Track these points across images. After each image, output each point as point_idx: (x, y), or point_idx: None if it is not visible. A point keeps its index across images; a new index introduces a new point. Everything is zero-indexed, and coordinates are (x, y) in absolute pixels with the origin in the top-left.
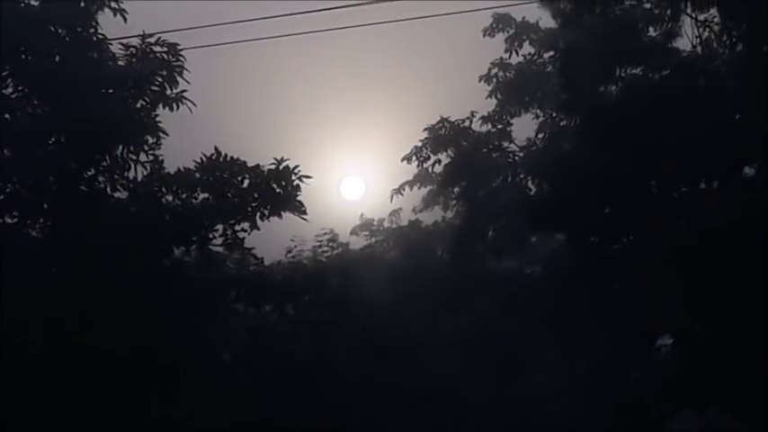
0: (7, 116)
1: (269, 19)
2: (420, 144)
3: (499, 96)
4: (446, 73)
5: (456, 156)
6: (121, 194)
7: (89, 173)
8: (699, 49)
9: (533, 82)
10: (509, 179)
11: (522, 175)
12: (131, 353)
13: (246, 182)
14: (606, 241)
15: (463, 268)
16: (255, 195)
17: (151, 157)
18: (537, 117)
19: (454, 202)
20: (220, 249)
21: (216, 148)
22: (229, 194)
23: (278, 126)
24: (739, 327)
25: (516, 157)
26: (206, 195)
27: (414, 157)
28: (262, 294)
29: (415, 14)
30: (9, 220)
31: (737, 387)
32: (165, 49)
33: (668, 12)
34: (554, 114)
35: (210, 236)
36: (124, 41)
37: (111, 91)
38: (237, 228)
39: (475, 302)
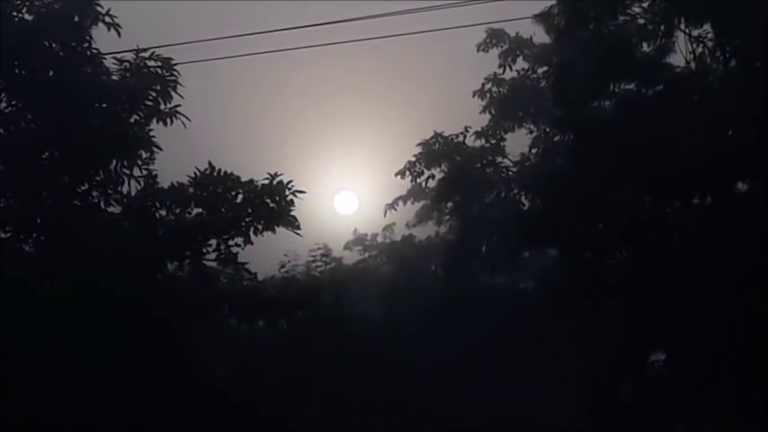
0: (1, 130)
1: (263, 34)
2: (414, 159)
3: (493, 111)
4: (440, 88)
5: (450, 171)
6: (115, 209)
7: (83, 187)
8: (692, 64)
9: (527, 97)
10: (502, 194)
11: (515, 191)
12: (124, 367)
13: (240, 197)
14: (599, 256)
15: (456, 283)
16: (249, 210)
17: (145, 172)
18: (530, 132)
19: (448, 217)
20: (214, 264)
21: (210, 163)
22: (223, 209)
23: (271, 141)
24: (733, 341)
25: (510, 173)
26: (199, 210)
27: (407, 172)
28: (255, 309)
29: (408, 30)
30: (2, 235)
31: (731, 402)
32: (159, 63)
33: (662, 27)
34: (547, 129)
35: (204, 251)
36: (118, 56)
37: (104, 105)
38: (231, 243)
39: (468, 317)
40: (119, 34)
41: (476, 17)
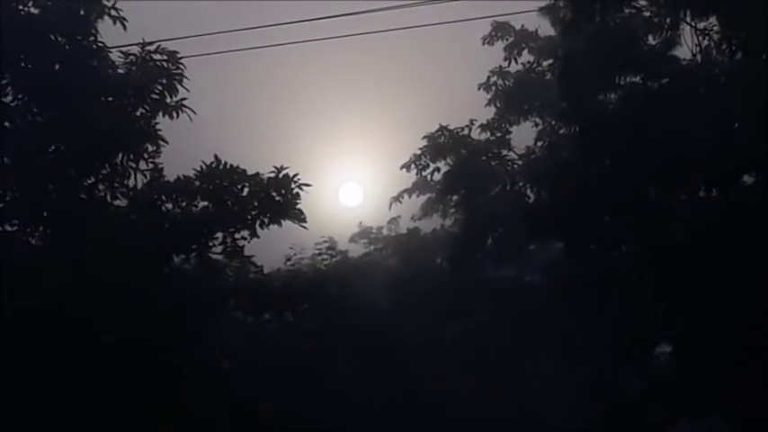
0: (7, 124)
1: (268, 27)
2: (419, 152)
3: (498, 104)
4: (445, 81)
5: (455, 164)
6: (121, 202)
7: (89, 181)
8: (698, 57)
9: (532, 90)
10: (508, 187)
11: (521, 184)
12: (131, 359)
13: (246, 190)
14: (605, 249)
15: (462, 276)
16: (255, 203)
17: (151, 166)
18: (536, 125)
19: (453, 210)
20: (220, 257)
21: (215, 157)
22: (229, 203)
23: (277, 134)
24: (738, 334)
25: (515, 166)
26: (206, 203)
27: (413, 165)
28: (261, 302)
29: (414, 23)
30: (9, 228)
31: (736, 394)
32: (165, 57)
33: (668, 20)
34: (553, 122)
35: (210, 244)
36: (124, 49)
37: (110, 99)
38: (237, 236)
39: (474, 310)
40: (124, 28)
41: (481, 10)
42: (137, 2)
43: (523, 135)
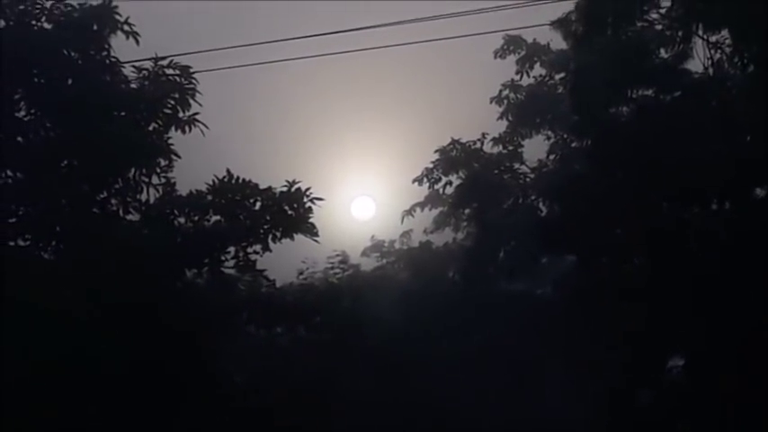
0: (20, 139)
1: (280, 42)
2: (431, 165)
3: (510, 118)
4: (457, 94)
5: (467, 177)
6: (134, 217)
7: (102, 195)
8: (710, 70)
9: (544, 103)
10: (520, 200)
11: (533, 197)
12: (143, 374)
13: (258, 204)
14: (617, 262)
15: (474, 290)
16: (267, 218)
17: (163, 180)
18: (548, 138)
19: (465, 223)
20: (232, 271)
21: (228, 171)
22: (241, 217)
23: (289, 148)
24: (751, 348)
25: (527, 179)
26: (218, 218)
27: (425, 179)
28: (274, 316)
29: (426, 37)
30: (22, 243)
31: (748, 408)
32: (178, 71)
33: (680, 33)
34: (565, 136)
35: (223, 258)
36: (137, 64)
37: (123, 114)
38: (249, 250)
39: (486, 324)
40: (137, 42)
41: (493, 24)
42: (149, 16)
43: (535, 148)
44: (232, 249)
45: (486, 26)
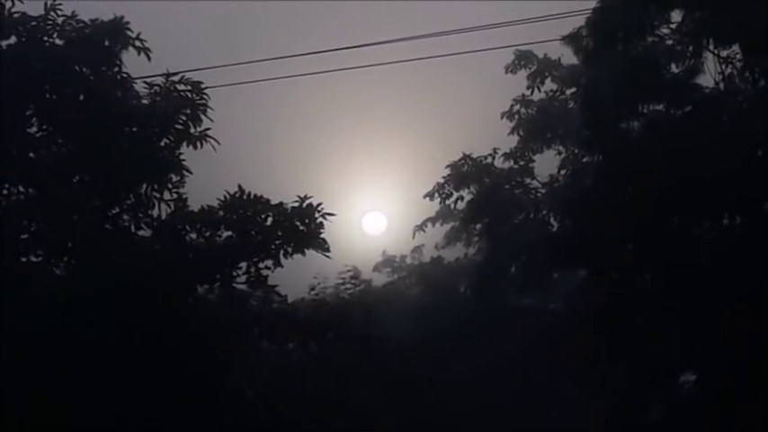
0: (32, 155)
1: (291, 58)
2: (442, 181)
3: (521, 133)
4: (468, 110)
5: (478, 192)
6: (145, 232)
7: (113, 211)
8: (721, 85)
9: (555, 118)
10: (531, 215)
11: (544, 212)
12: (156, 389)
13: (270, 220)
14: (628, 277)
15: (486, 305)
16: (279, 233)
17: (175, 195)
18: (559, 153)
19: (476, 238)
20: (244, 287)
21: (239, 186)
22: (253, 232)
23: (301, 163)
24: (764, 362)
25: (538, 194)
26: (230, 233)
27: (436, 194)
28: (285, 331)
29: (437, 52)
30: (34, 258)
31: (761, 424)
32: (189, 87)
33: (690, 48)
34: (576, 151)
35: (234, 273)
36: (148, 80)
37: (135, 129)
38: (261, 265)
39: (497, 339)
40: (149, 58)
41: (505, 39)
42: (161, 32)
43: (547, 163)
44: (244, 265)
45: (497, 41)
